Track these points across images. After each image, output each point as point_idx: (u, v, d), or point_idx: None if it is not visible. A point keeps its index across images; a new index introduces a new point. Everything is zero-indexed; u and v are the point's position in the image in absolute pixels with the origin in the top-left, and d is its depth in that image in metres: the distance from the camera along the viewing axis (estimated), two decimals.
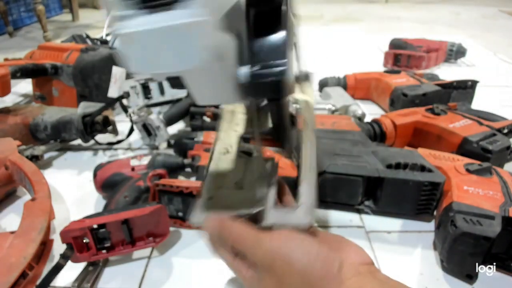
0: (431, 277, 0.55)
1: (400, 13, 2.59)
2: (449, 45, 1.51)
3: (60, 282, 0.53)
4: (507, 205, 0.53)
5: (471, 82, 1.03)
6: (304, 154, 0.35)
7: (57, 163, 0.86)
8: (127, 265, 0.58)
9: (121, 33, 0.21)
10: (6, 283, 0.42)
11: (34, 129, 0.85)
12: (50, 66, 1.04)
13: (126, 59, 0.21)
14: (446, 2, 2.92)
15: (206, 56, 0.19)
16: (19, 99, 1.23)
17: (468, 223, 0.50)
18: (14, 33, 2.14)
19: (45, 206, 0.55)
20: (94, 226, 0.52)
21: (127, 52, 0.21)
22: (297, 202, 0.32)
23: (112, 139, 0.91)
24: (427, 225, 0.64)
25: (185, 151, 0.79)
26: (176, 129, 0.99)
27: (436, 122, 0.79)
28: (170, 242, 0.61)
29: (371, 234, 0.63)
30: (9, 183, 0.70)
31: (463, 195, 0.56)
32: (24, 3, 2.33)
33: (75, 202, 0.71)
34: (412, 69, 1.37)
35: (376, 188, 0.63)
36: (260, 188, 0.33)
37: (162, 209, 0.55)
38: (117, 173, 0.70)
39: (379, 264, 0.57)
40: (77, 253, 0.52)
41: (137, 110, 0.87)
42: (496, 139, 0.72)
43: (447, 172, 0.62)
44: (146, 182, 0.66)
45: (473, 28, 2.14)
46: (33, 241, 0.48)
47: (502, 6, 2.71)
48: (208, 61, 0.20)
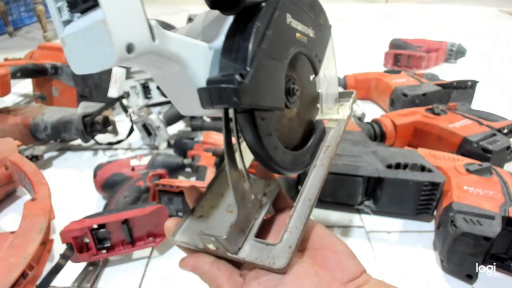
0: (431, 277, 0.55)
1: (400, 13, 2.59)
2: (449, 45, 1.51)
3: (60, 282, 0.53)
4: (507, 205, 0.53)
5: (471, 82, 1.03)
6: (305, 183, 0.32)
7: (57, 163, 0.86)
8: (127, 265, 0.58)
9: (60, 37, 0.23)
10: (6, 283, 0.42)
11: (34, 129, 0.85)
12: (50, 66, 1.04)
13: (68, 61, 0.23)
14: (446, 2, 2.92)
15: (118, 53, 0.20)
16: (19, 99, 1.23)
17: (468, 223, 0.50)
18: (14, 33, 2.14)
19: (45, 206, 0.55)
20: (94, 226, 0.52)
21: (67, 55, 0.23)
22: (281, 237, 0.28)
23: (112, 139, 0.91)
24: (427, 225, 0.64)
25: (185, 151, 0.79)
26: (176, 129, 0.99)
27: (436, 122, 0.79)
28: (170, 242, 0.61)
29: (371, 234, 0.63)
30: (9, 183, 0.70)
31: (463, 195, 0.56)
32: (24, 3, 2.33)
33: (75, 202, 0.71)
34: (412, 69, 1.37)
35: (376, 188, 0.63)
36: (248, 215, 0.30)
37: (162, 209, 0.55)
38: (117, 173, 0.70)
39: (379, 264, 0.57)
40: (77, 253, 0.52)
41: (137, 110, 0.87)
42: (496, 139, 0.72)
43: (447, 172, 0.62)
44: (146, 182, 0.66)
45: (473, 28, 2.14)
46: (33, 241, 0.48)
47: (502, 6, 2.71)
48: (121, 57, 0.20)
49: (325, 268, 0.28)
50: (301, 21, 0.29)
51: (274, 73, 0.27)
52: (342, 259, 0.28)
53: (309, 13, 0.31)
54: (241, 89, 0.23)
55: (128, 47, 0.20)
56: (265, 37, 0.25)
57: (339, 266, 0.28)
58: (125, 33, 0.20)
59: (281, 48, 0.27)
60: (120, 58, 0.20)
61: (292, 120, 0.32)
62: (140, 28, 0.21)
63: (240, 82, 0.23)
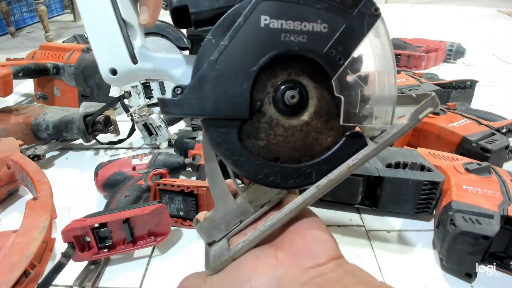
0: (431, 275, 0.55)
1: (400, 13, 2.59)
2: (449, 45, 1.51)
3: (62, 281, 0.53)
4: (506, 204, 0.54)
5: (470, 82, 1.03)
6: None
7: (58, 162, 0.87)
8: (128, 264, 0.58)
9: None
10: (8, 281, 0.42)
11: (36, 128, 0.86)
12: (51, 66, 1.04)
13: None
14: (446, 2, 2.92)
15: (104, 75, 0.27)
16: (21, 99, 1.23)
17: (467, 222, 0.51)
18: (16, 33, 2.15)
19: (47, 205, 0.55)
20: (96, 225, 0.52)
21: None
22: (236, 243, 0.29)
23: (113, 139, 0.91)
24: (426, 224, 0.64)
25: (186, 151, 0.79)
26: (177, 128, 0.99)
27: (436, 122, 0.80)
28: (171, 241, 0.61)
29: (371, 233, 0.63)
30: (11, 182, 0.70)
31: (462, 194, 0.56)
32: (26, 4, 2.33)
33: (76, 201, 0.72)
34: (412, 69, 1.37)
35: (376, 187, 0.64)
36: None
37: (163, 208, 0.55)
38: (118, 172, 0.71)
39: (378, 263, 0.57)
40: (78, 252, 0.52)
41: (138, 110, 0.87)
42: (495, 139, 0.72)
43: (446, 171, 0.63)
44: (147, 181, 0.66)
45: (472, 28, 2.14)
46: (35, 239, 0.48)
47: (500, 7, 2.71)
48: (108, 79, 0.27)
49: (288, 253, 0.27)
50: (293, 18, 0.26)
51: (231, 83, 0.26)
52: (309, 244, 0.27)
53: (314, 5, 0.26)
54: (174, 101, 0.26)
55: (112, 71, 0.27)
56: (218, 48, 0.25)
57: (304, 251, 0.26)
58: (108, 61, 0.27)
59: (246, 56, 0.26)
60: (107, 79, 0.27)
61: (294, 129, 0.28)
62: (120, 56, 0.27)
63: (174, 95, 0.26)
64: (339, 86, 0.27)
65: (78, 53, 1.04)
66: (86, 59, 1.02)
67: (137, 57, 0.27)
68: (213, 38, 0.25)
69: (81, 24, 2.41)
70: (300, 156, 0.29)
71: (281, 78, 0.27)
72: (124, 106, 0.91)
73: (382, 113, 0.28)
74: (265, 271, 0.26)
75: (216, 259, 0.29)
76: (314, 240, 0.27)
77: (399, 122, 0.28)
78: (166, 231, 0.56)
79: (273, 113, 0.27)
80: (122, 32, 0.27)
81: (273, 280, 0.25)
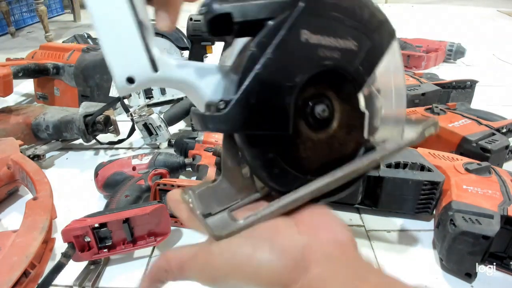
0: (431, 275, 0.55)
1: (400, 13, 2.59)
2: (449, 45, 1.51)
3: (62, 281, 0.53)
4: (506, 204, 0.54)
5: (470, 82, 1.03)
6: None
7: (58, 162, 0.87)
8: (128, 264, 0.58)
9: None
10: (8, 281, 0.42)
11: (36, 128, 0.86)
12: (51, 66, 1.04)
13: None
14: (446, 2, 2.92)
15: (119, 84, 0.23)
16: (21, 99, 1.23)
17: (467, 222, 0.51)
18: (16, 33, 2.15)
19: (47, 205, 0.55)
20: (96, 225, 0.52)
21: None
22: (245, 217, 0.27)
23: (113, 139, 0.91)
24: (426, 224, 0.64)
25: (186, 151, 0.79)
26: (177, 128, 0.99)
27: None
28: (171, 241, 0.61)
29: (371, 233, 0.63)
30: (11, 182, 0.70)
31: (462, 194, 0.56)
32: (26, 4, 2.33)
33: (76, 201, 0.72)
34: (412, 69, 1.37)
35: (376, 187, 0.64)
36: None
37: (163, 208, 0.55)
38: (118, 172, 0.71)
39: (378, 263, 0.57)
40: (78, 252, 0.52)
41: (138, 110, 0.87)
42: (495, 139, 0.72)
43: (446, 171, 0.63)
44: (147, 181, 0.66)
45: (472, 28, 2.14)
46: (35, 240, 0.48)
47: (500, 7, 2.71)
48: (122, 89, 0.24)
49: (309, 226, 0.26)
50: (329, 34, 0.26)
51: (274, 98, 0.25)
52: (330, 223, 0.27)
53: (346, 22, 0.27)
54: (218, 117, 0.24)
55: (128, 79, 0.23)
56: (261, 60, 0.24)
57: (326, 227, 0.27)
58: (125, 68, 0.23)
59: (289, 70, 0.26)
60: (122, 89, 0.23)
61: (322, 143, 0.29)
62: (139, 62, 0.23)
63: (219, 110, 0.24)
64: (364, 100, 0.29)
65: (78, 53, 1.04)
66: (86, 59, 1.02)
67: (158, 66, 0.24)
68: (257, 50, 0.24)
69: (81, 24, 2.41)
70: (326, 168, 0.29)
71: (309, 92, 0.27)
72: (124, 106, 0.91)
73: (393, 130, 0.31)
74: (288, 234, 0.25)
75: (219, 229, 0.26)
76: (332, 220, 0.27)
77: (408, 136, 0.30)
78: (166, 231, 0.56)
79: (303, 127, 0.28)
80: (142, 35, 0.23)
81: (298, 246, 0.24)
